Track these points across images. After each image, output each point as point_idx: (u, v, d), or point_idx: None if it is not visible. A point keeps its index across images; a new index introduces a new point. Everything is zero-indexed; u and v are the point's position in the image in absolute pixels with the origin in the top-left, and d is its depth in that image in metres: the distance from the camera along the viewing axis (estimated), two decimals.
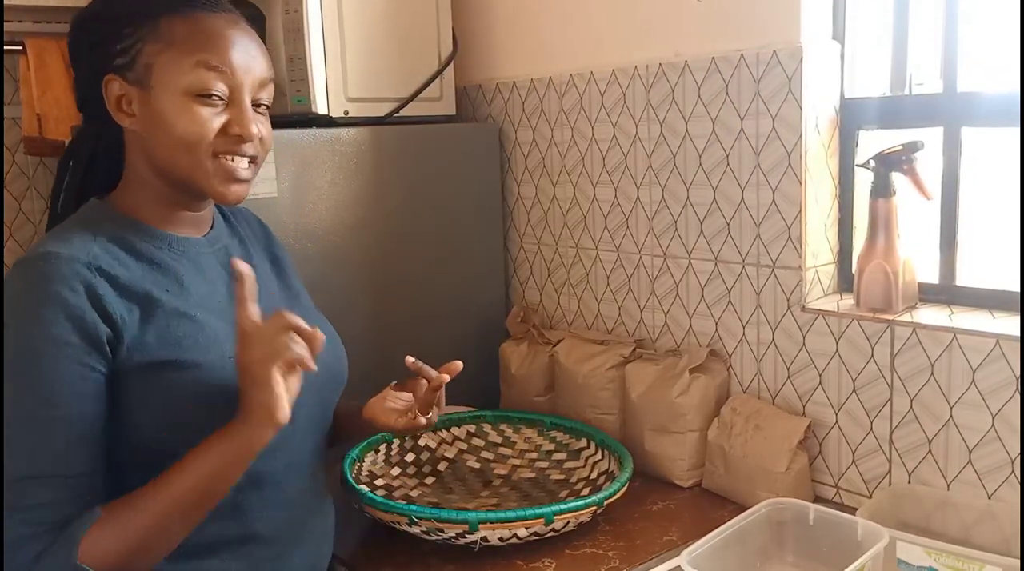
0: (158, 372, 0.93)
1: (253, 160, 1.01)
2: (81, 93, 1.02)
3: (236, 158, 0.99)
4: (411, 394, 1.19)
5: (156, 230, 1.01)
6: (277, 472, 1.04)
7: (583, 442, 1.61)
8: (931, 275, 1.44)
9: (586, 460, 1.59)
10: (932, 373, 1.33)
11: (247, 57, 0.98)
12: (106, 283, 0.92)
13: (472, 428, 1.70)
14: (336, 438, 1.24)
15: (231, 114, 0.97)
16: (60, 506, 0.88)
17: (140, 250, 0.99)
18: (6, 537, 0.86)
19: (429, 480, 1.61)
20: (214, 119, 0.96)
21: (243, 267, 0.93)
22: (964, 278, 1.41)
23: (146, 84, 0.96)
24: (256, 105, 1.00)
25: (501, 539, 1.29)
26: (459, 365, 1.15)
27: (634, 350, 1.70)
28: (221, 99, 0.97)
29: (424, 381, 1.16)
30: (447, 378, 1.14)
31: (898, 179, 1.40)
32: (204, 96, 0.95)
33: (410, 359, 1.15)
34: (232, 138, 0.97)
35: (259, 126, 1.00)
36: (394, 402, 1.19)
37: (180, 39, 0.95)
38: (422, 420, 1.17)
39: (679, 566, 1.13)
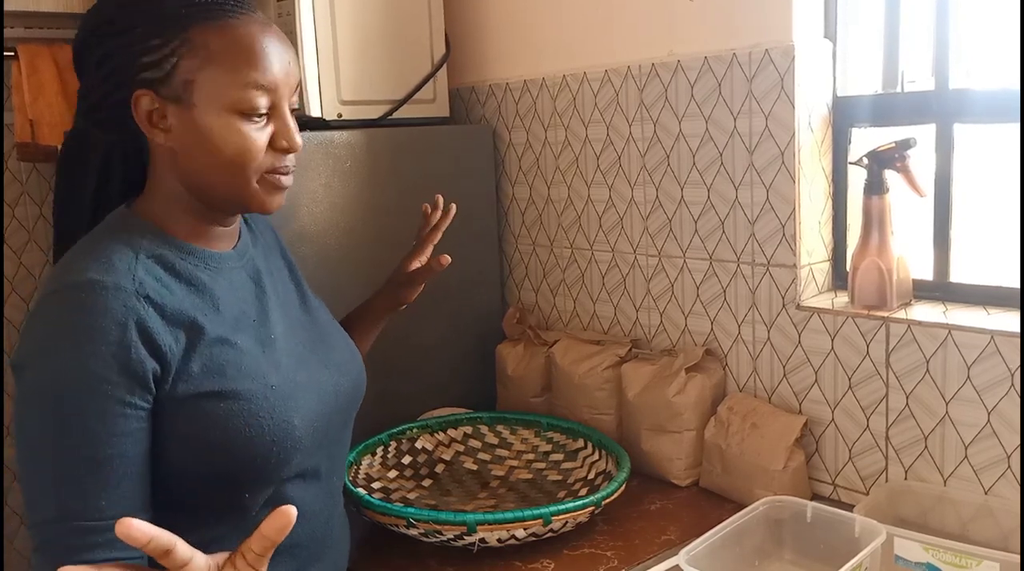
0: (202, 403, 0.90)
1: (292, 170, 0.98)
2: (91, 102, 0.96)
3: (280, 173, 0.95)
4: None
5: (191, 246, 0.97)
6: (299, 491, 1.02)
7: (580, 442, 1.61)
8: (925, 272, 1.44)
9: (583, 460, 1.59)
10: (927, 369, 1.33)
11: (284, 66, 0.94)
12: (154, 313, 0.88)
13: (469, 430, 1.70)
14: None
15: (275, 127, 0.94)
16: (86, 551, 0.83)
17: (179, 270, 0.94)
18: None
19: (426, 482, 1.61)
20: (260, 135, 0.93)
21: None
22: (958, 275, 1.42)
23: (187, 101, 0.90)
24: (291, 110, 0.97)
25: (499, 540, 1.29)
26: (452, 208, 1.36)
27: (630, 350, 1.70)
28: (267, 113, 0.93)
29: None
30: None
31: (891, 176, 1.40)
32: (250, 114, 0.91)
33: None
34: (279, 152, 0.94)
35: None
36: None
37: (220, 54, 0.90)
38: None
39: (677, 565, 1.13)
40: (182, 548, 0.71)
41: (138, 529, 0.67)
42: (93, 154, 1.00)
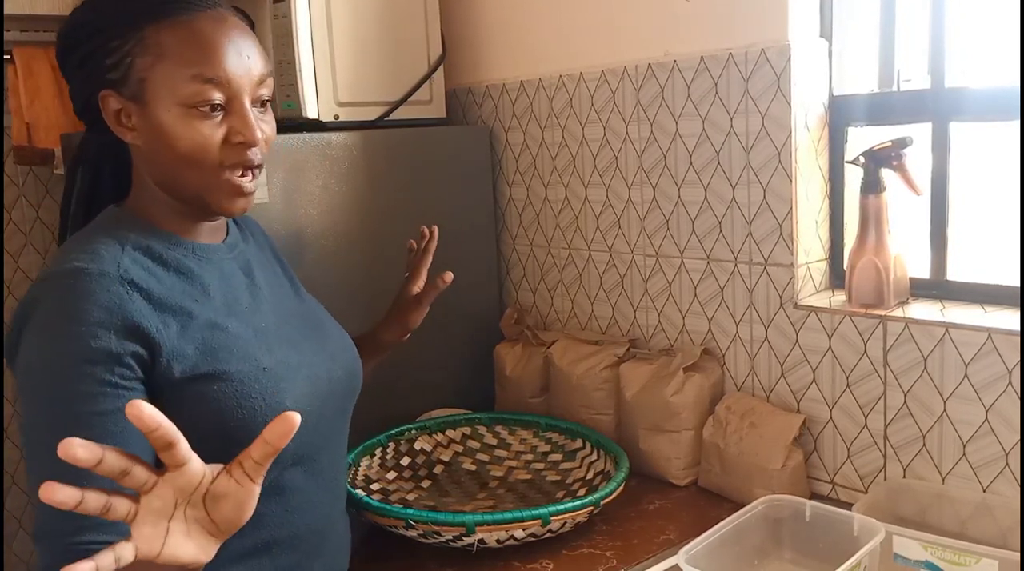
0: (198, 385, 0.92)
1: (259, 166, 0.98)
2: (79, 105, 0.99)
3: (243, 170, 0.96)
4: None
5: (179, 238, 0.99)
6: (299, 480, 1.03)
7: (578, 443, 1.61)
8: (922, 270, 1.44)
9: (582, 460, 1.59)
10: (925, 368, 1.33)
11: (241, 59, 0.94)
12: (139, 297, 0.90)
13: (467, 430, 1.70)
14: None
15: (232, 122, 0.93)
16: (75, 534, 0.84)
17: (167, 259, 0.96)
18: (38, 565, 0.85)
19: (425, 483, 1.61)
20: (216, 130, 0.93)
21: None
22: (955, 273, 1.42)
23: (142, 99, 0.92)
24: (259, 103, 0.97)
25: (498, 541, 1.29)
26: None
27: (628, 350, 1.70)
28: (220, 108, 0.93)
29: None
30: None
31: (888, 175, 1.41)
32: (203, 108, 0.92)
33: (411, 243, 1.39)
34: (237, 147, 0.94)
35: (262, 127, 0.96)
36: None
37: (170, 50, 0.91)
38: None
39: (676, 565, 1.13)
40: (184, 447, 0.71)
41: (148, 413, 0.66)
42: (88, 154, 1.04)
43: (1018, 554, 1.10)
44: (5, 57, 2.09)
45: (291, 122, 1.70)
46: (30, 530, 2.35)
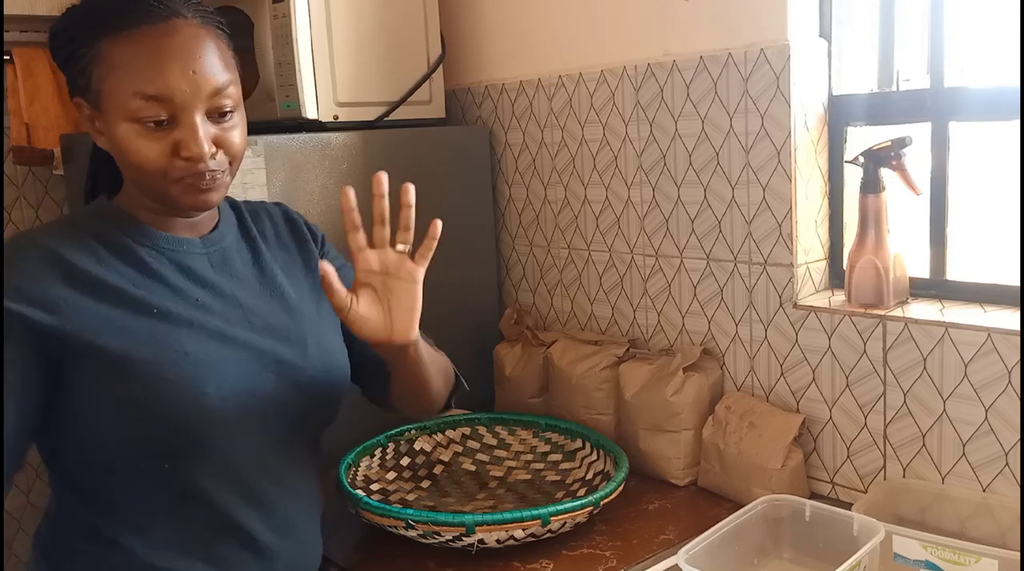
0: (111, 366, 0.93)
1: (222, 172, 0.98)
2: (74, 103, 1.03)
3: (195, 179, 0.96)
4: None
5: (149, 229, 1.01)
6: (260, 481, 1.04)
7: (578, 443, 1.61)
8: (922, 270, 1.44)
9: (581, 460, 1.59)
10: (925, 367, 1.33)
11: (185, 74, 0.94)
12: (61, 273, 0.93)
13: (467, 431, 1.70)
14: (403, 391, 1.20)
15: (180, 136, 0.94)
16: None
17: (120, 246, 0.99)
18: None
19: (425, 484, 1.61)
20: (163, 144, 0.94)
21: None
22: (955, 272, 1.42)
23: (100, 109, 0.96)
24: (218, 113, 0.97)
25: (498, 541, 1.29)
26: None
27: (627, 350, 1.70)
28: (168, 121, 0.94)
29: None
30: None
31: (887, 175, 1.41)
32: (148, 124, 0.94)
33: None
34: (184, 161, 0.95)
35: (224, 137, 0.97)
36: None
37: (119, 64, 0.94)
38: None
39: (676, 565, 1.14)
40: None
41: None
42: (90, 150, 1.09)
43: (1018, 554, 1.10)
44: (4, 58, 2.09)
45: (291, 122, 1.70)
46: (30, 531, 2.35)
